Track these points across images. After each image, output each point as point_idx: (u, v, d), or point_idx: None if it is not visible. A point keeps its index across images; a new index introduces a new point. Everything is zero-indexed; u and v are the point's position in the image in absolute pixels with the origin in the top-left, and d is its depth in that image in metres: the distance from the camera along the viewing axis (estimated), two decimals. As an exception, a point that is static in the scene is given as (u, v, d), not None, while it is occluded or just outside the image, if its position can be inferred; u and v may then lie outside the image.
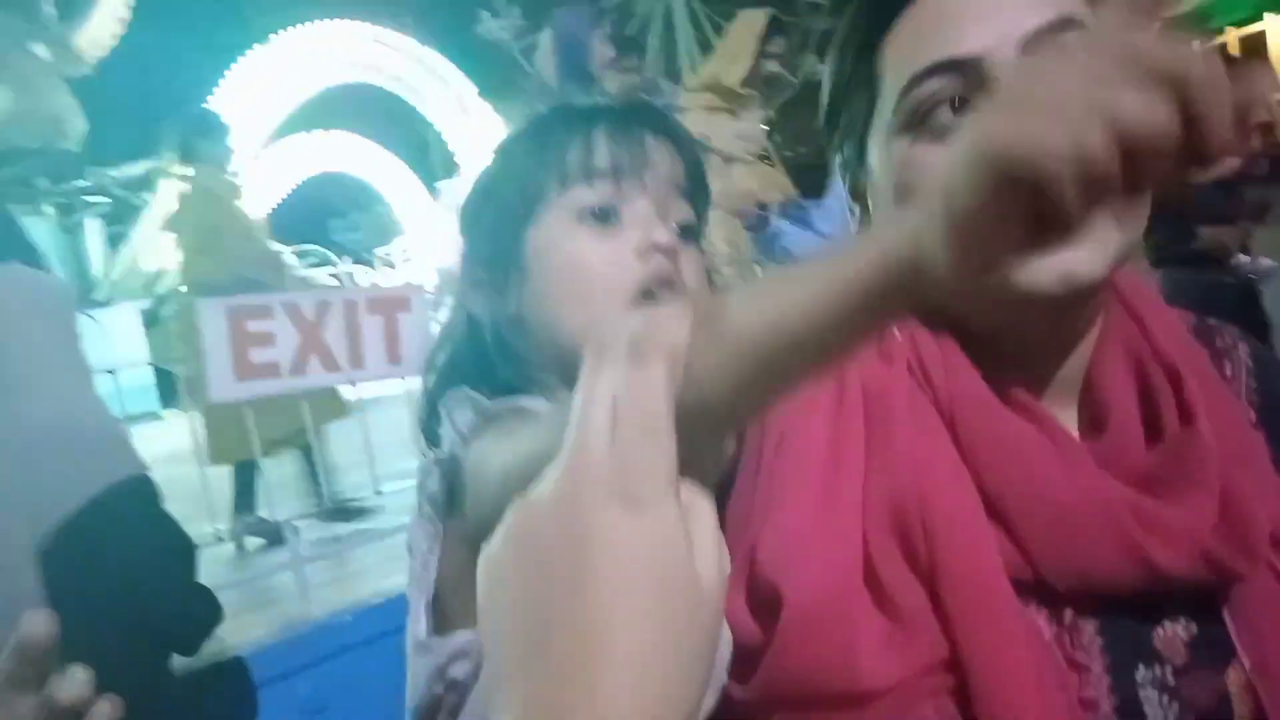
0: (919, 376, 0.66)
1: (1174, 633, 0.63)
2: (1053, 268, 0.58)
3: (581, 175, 0.67)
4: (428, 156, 12.68)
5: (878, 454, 0.63)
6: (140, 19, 11.61)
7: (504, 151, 0.73)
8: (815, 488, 0.63)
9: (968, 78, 0.61)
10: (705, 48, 20.48)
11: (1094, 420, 0.67)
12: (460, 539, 0.61)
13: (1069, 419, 0.68)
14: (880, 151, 0.67)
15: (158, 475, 4.36)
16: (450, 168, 11.40)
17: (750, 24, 4.41)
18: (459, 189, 4.00)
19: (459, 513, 0.61)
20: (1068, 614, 0.62)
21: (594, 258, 0.66)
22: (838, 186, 0.75)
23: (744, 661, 0.62)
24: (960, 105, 0.62)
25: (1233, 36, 8.07)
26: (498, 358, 0.68)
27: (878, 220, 0.42)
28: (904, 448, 0.63)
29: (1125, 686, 0.61)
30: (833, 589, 0.59)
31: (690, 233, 0.71)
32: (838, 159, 0.74)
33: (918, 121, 0.63)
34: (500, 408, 0.61)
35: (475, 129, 11.25)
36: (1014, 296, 0.59)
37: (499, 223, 0.69)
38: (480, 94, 11.96)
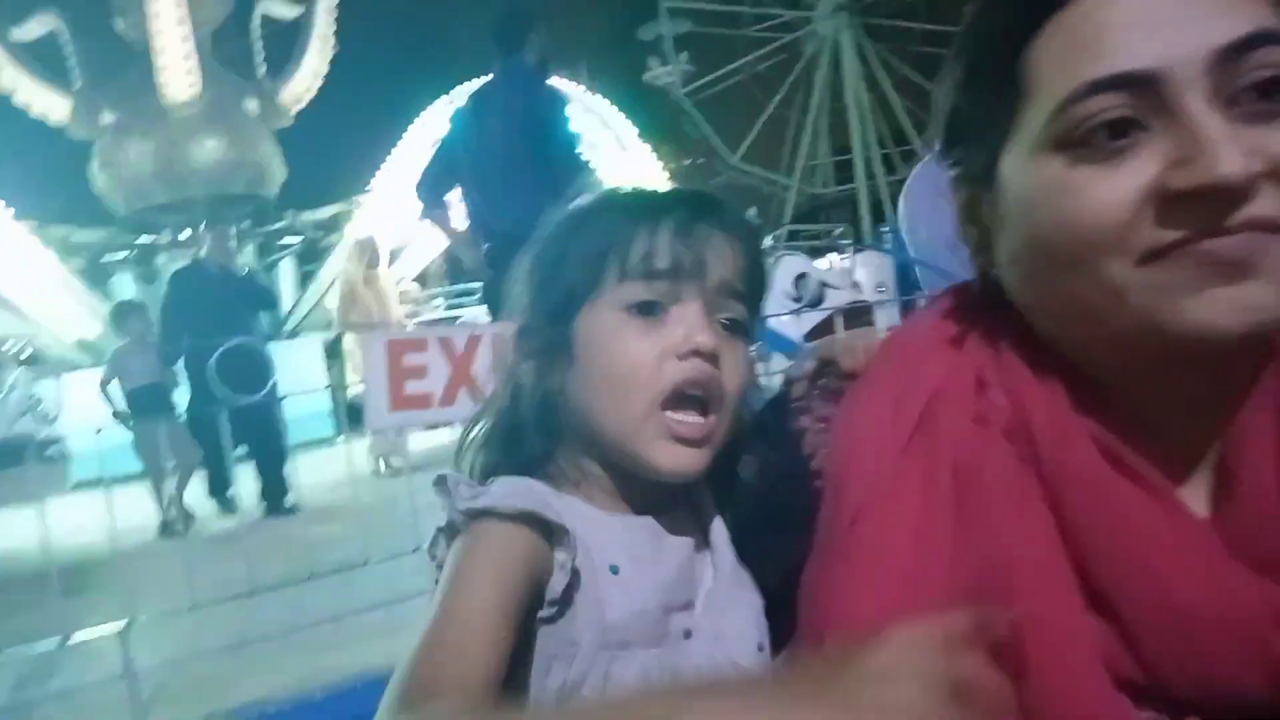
0: (1020, 442, 0.58)
1: None
2: (1232, 302, 0.50)
3: (639, 273, 0.68)
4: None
5: (967, 539, 0.56)
6: (334, 74, 12.64)
7: (571, 229, 0.73)
8: (894, 577, 0.56)
9: (1141, 97, 0.52)
10: (872, 85, 20.31)
11: (1227, 493, 0.57)
12: None
13: (1200, 489, 0.58)
14: (1021, 169, 0.57)
15: (330, 497, 4.51)
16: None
17: None
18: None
19: None
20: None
21: (634, 352, 0.67)
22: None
23: None
24: (1129, 128, 0.52)
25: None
26: (536, 429, 0.70)
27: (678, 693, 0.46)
28: (996, 533, 0.55)
29: None
30: None
31: (739, 327, 0.71)
32: (953, 172, 0.66)
33: (1077, 141, 0.54)
34: (465, 516, 0.63)
35: (633, 171, 11.50)
36: (1182, 340, 0.51)
37: (557, 303, 0.70)
38: (640, 136, 12.25)
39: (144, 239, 11.29)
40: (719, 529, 0.72)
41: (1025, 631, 0.52)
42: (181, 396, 5.20)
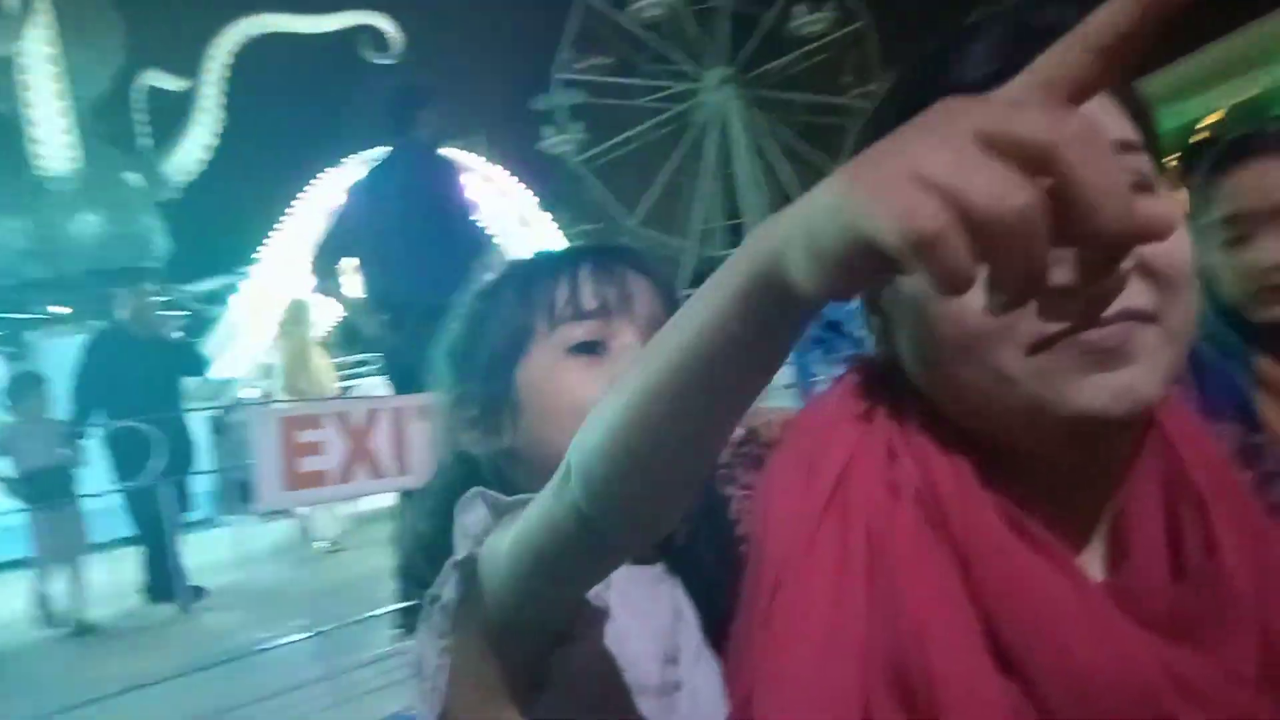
0: (930, 509, 0.61)
1: None
2: (1112, 388, 0.55)
3: (571, 315, 0.71)
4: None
5: (881, 603, 0.59)
6: (223, 146, 12.40)
7: (489, 296, 0.75)
8: (814, 640, 0.58)
9: None
10: (760, 153, 21.07)
11: (1118, 557, 0.61)
12: (474, 645, 0.60)
13: (1097, 554, 0.62)
14: None
15: (217, 580, 4.29)
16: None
17: None
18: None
19: (475, 615, 0.60)
20: None
21: (588, 386, 0.69)
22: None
23: None
24: None
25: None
26: (497, 488, 0.69)
27: (753, 232, 0.40)
28: (908, 596, 0.58)
29: None
30: None
31: None
32: None
33: None
34: (515, 500, 0.61)
35: (534, 238, 11.59)
36: (1069, 422, 0.56)
37: (490, 363, 0.72)
38: (540, 205, 12.39)
39: (14, 316, 10.72)
40: (680, 585, 0.73)
41: (938, 691, 0.55)
42: (87, 475, 4.74)
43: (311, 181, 10.93)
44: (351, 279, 3.77)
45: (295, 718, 2.60)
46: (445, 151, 3.93)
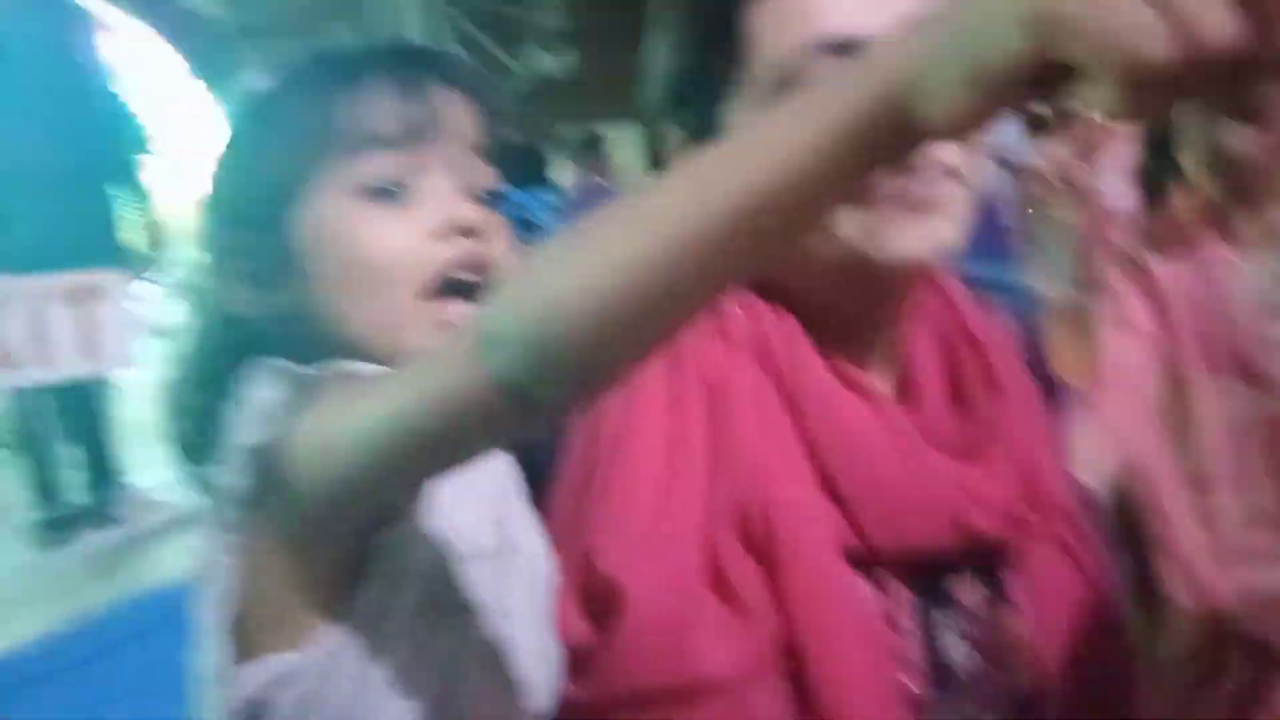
0: (761, 356, 0.65)
1: (972, 587, 0.66)
2: (921, 235, 0.61)
3: (362, 142, 0.56)
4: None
5: (721, 447, 0.62)
6: None
7: (257, 115, 0.61)
8: (655, 485, 0.61)
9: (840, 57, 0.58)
10: (434, 37, 20.19)
11: (905, 389, 0.69)
12: (272, 543, 0.52)
13: (885, 388, 0.69)
14: (750, 118, 0.64)
15: None
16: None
17: None
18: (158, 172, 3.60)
19: (276, 505, 0.51)
20: (887, 577, 0.64)
21: (383, 242, 0.56)
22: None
23: (579, 665, 0.59)
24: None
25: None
26: (285, 353, 0.57)
27: (870, 54, 0.35)
28: (747, 439, 0.62)
29: (934, 639, 0.65)
30: (676, 586, 0.59)
31: (495, 198, 0.61)
32: (674, 129, 0.70)
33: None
34: (325, 374, 0.52)
35: (181, 109, 10.31)
36: (883, 266, 0.62)
37: (260, 203, 0.58)
38: (191, 71, 10.98)
39: None
40: None
41: (776, 522, 0.60)
42: None
43: None
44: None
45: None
46: None
